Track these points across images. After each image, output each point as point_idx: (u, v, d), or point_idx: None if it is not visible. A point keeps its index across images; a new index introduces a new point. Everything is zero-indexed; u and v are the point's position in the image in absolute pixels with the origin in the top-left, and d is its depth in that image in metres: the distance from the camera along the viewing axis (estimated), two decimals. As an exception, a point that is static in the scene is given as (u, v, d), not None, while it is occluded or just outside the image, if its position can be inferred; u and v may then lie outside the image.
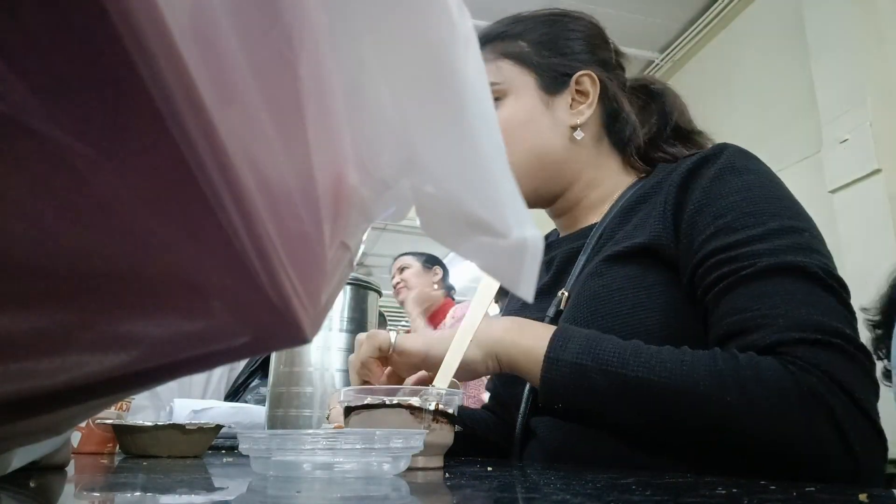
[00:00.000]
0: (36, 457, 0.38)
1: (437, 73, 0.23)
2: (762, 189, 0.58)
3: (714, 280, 0.55)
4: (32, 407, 0.18)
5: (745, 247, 0.54)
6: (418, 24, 0.22)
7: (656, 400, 0.50)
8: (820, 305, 0.50)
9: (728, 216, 0.56)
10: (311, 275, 0.18)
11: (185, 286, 0.15)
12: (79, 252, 0.14)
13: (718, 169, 0.60)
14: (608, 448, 0.58)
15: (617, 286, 0.61)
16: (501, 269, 0.25)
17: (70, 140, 0.12)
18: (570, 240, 0.75)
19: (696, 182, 0.61)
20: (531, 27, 0.76)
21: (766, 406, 0.47)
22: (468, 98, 0.23)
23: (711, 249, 0.56)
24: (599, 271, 0.64)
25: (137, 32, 0.11)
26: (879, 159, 2.19)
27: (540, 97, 0.74)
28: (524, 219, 0.25)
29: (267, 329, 0.17)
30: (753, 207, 0.56)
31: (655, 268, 0.61)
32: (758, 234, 0.54)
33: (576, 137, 0.74)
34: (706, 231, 0.57)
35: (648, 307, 0.59)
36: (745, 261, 0.53)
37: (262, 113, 0.16)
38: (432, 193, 0.25)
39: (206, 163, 0.13)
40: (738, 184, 0.58)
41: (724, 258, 0.54)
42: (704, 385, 0.49)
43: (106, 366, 0.17)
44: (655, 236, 0.61)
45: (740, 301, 0.52)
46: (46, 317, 0.15)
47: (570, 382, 0.54)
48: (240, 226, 0.14)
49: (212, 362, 0.18)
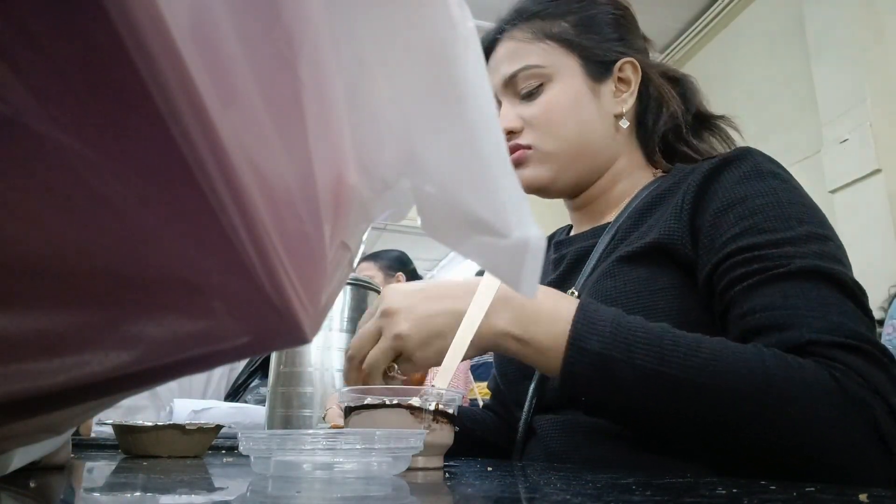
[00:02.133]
0: (36, 457, 0.38)
1: (438, 72, 0.23)
2: (789, 194, 0.57)
3: (740, 276, 0.53)
4: (32, 407, 0.18)
5: (775, 248, 0.53)
6: (418, 25, 0.22)
7: (693, 400, 0.47)
8: (851, 314, 0.50)
9: (755, 217, 0.55)
10: (311, 275, 0.18)
11: (186, 286, 0.15)
12: (79, 252, 0.14)
13: (744, 172, 0.59)
14: (609, 447, 0.58)
15: (629, 288, 0.60)
16: (503, 268, 0.25)
17: (70, 141, 0.12)
18: (582, 238, 0.75)
19: (718, 184, 0.60)
20: (574, 8, 0.75)
21: (811, 410, 0.45)
22: (468, 98, 0.23)
23: (738, 247, 0.55)
24: (611, 272, 0.63)
25: (138, 33, 0.11)
26: (879, 159, 2.19)
27: (587, 83, 0.72)
28: (525, 218, 0.25)
29: (267, 329, 0.17)
30: (781, 211, 0.55)
31: (667, 269, 0.60)
32: (787, 237, 0.53)
33: (621, 126, 0.73)
34: (731, 231, 0.56)
35: (661, 311, 0.58)
36: (776, 260, 0.52)
37: (263, 113, 0.16)
38: (433, 193, 0.25)
39: (207, 163, 0.13)
40: (765, 187, 0.57)
41: (753, 256, 0.53)
42: (747, 386, 0.46)
43: (107, 366, 0.17)
44: (668, 234, 0.60)
45: (771, 298, 0.51)
46: (46, 317, 0.15)
47: (595, 375, 0.49)
48: (240, 226, 0.14)
49: (212, 362, 0.18)
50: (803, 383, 0.46)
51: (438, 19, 0.22)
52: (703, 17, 3.09)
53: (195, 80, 0.13)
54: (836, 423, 0.45)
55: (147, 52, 0.12)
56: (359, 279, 1.00)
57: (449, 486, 0.40)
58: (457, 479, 0.44)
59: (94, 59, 0.11)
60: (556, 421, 0.64)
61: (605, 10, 0.75)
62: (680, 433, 0.50)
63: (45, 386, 0.17)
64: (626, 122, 0.73)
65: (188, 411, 0.96)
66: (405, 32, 0.22)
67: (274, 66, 0.17)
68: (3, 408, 0.17)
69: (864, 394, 0.45)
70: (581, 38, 0.73)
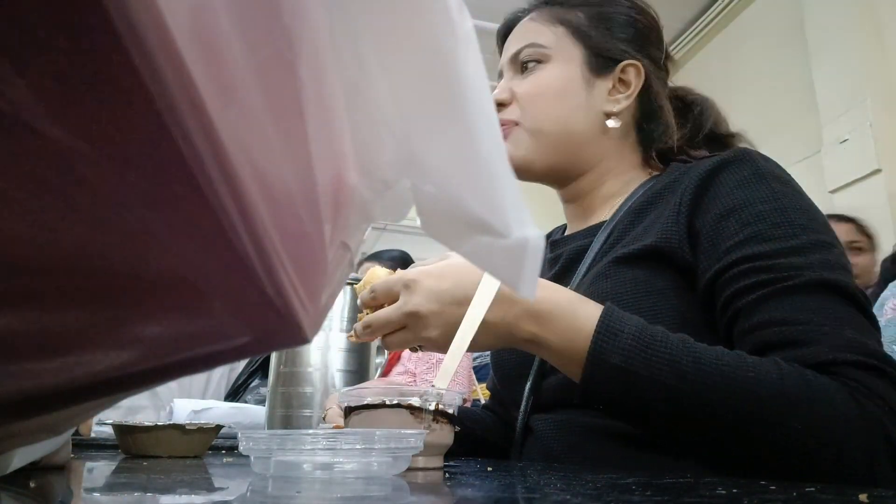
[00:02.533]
0: (36, 457, 0.38)
1: (438, 73, 0.23)
2: (791, 199, 0.57)
3: (749, 286, 0.53)
4: (32, 407, 0.18)
5: (782, 258, 0.53)
6: (418, 25, 0.22)
7: (714, 417, 0.47)
8: (862, 328, 0.50)
9: (759, 225, 0.55)
10: (311, 275, 0.18)
11: (186, 286, 0.15)
12: (79, 252, 0.14)
13: (744, 175, 0.59)
14: (608, 446, 0.58)
15: (626, 289, 0.60)
16: (502, 268, 0.25)
17: (71, 139, 0.12)
18: (578, 237, 0.75)
19: (718, 186, 0.59)
20: (593, 1, 0.75)
21: (832, 431, 0.45)
22: (468, 98, 0.23)
23: (743, 256, 0.54)
24: (607, 273, 0.63)
25: (137, 32, 0.11)
26: (879, 159, 2.19)
27: (583, 74, 0.73)
28: (525, 218, 0.25)
29: (267, 329, 0.17)
30: (784, 217, 0.55)
31: (664, 272, 0.60)
32: (793, 245, 0.53)
33: (608, 125, 0.73)
34: (735, 237, 0.56)
35: (659, 312, 0.58)
36: (785, 272, 0.52)
37: (263, 113, 0.16)
38: (432, 193, 0.25)
39: (207, 163, 0.13)
40: (766, 192, 0.57)
41: (760, 266, 0.53)
42: (768, 408, 0.46)
43: (107, 365, 0.17)
44: (665, 238, 0.60)
45: (784, 312, 0.51)
46: (47, 317, 0.15)
47: (616, 388, 0.50)
48: (240, 226, 0.14)
49: (212, 362, 0.18)
50: (824, 403, 0.46)
51: (438, 21, 0.22)
52: (704, 17, 3.09)
53: (195, 80, 0.13)
54: (856, 446, 0.45)
55: (146, 51, 0.12)
56: (359, 279, 1.00)
57: (449, 486, 0.40)
58: (457, 479, 0.44)
59: (94, 57, 0.11)
60: (553, 420, 0.64)
61: (623, 10, 0.75)
62: (697, 443, 0.50)
63: (45, 386, 0.17)
64: (614, 123, 0.73)
65: (188, 411, 0.96)
66: (405, 33, 0.22)
67: (274, 67, 0.17)
68: (4, 408, 0.17)
69: (881, 416, 0.46)
70: (591, 30, 0.73)
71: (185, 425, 0.69)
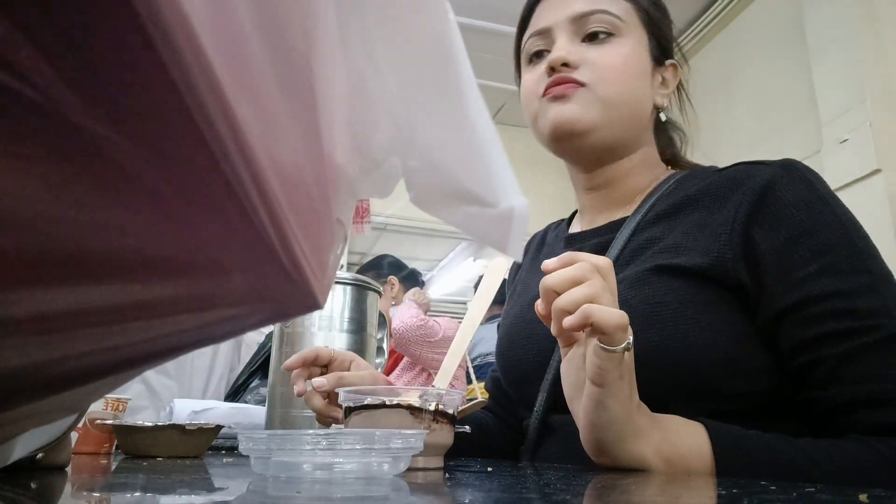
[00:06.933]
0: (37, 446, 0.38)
1: (438, 62, 0.24)
2: (849, 221, 0.58)
3: (832, 334, 0.54)
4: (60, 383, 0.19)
5: (862, 299, 0.54)
6: (419, 18, 0.24)
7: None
8: None
9: (830, 255, 0.56)
10: (320, 247, 0.20)
11: (211, 262, 0.17)
12: (115, 233, 0.15)
13: (803, 196, 0.59)
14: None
15: (671, 298, 0.59)
16: (490, 234, 0.27)
17: (101, 128, 0.13)
18: (598, 233, 0.73)
19: (777, 206, 0.59)
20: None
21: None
22: (466, 85, 0.25)
23: (821, 293, 0.55)
24: (648, 280, 0.61)
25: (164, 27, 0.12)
26: (879, 159, 2.19)
27: (649, 59, 0.72)
28: (512, 188, 0.27)
29: (285, 297, 0.19)
30: (852, 248, 0.56)
31: (708, 286, 0.59)
32: (867, 284, 0.55)
33: (661, 118, 0.74)
34: (807, 267, 0.56)
35: (707, 324, 0.57)
36: (868, 320, 0.53)
37: (278, 103, 0.17)
38: (421, 168, 0.26)
39: (229, 149, 0.14)
40: (830, 218, 0.57)
41: (841, 309, 0.54)
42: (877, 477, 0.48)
43: (141, 338, 0.18)
44: (718, 256, 0.59)
45: (870, 369, 0.53)
46: (84, 295, 0.16)
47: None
48: (259, 207, 0.16)
49: (236, 330, 0.20)
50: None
51: (437, 12, 0.24)
52: (703, 17, 3.09)
53: (216, 71, 0.13)
54: None
55: (172, 46, 0.12)
56: (359, 279, 1.00)
57: (449, 486, 0.40)
58: (457, 479, 0.44)
59: (124, 52, 0.12)
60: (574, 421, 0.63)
61: (669, 16, 0.77)
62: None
63: (73, 363, 0.18)
64: (664, 116, 0.73)
65: (188, 411, 0.96)
66: (407, 25, 0.24)
67: (289, 60, 0.18)
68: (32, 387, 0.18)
69: None
70: (656, 18, 0.73)
71: (185, 425, 0.69)
